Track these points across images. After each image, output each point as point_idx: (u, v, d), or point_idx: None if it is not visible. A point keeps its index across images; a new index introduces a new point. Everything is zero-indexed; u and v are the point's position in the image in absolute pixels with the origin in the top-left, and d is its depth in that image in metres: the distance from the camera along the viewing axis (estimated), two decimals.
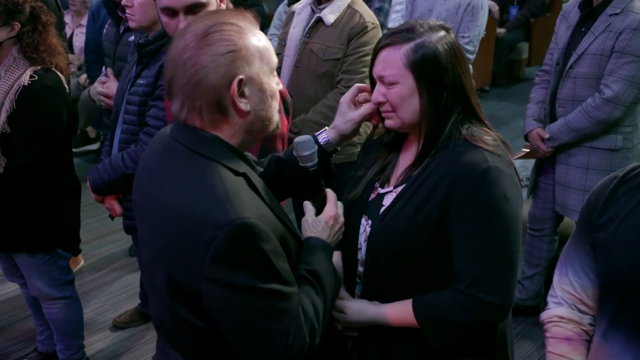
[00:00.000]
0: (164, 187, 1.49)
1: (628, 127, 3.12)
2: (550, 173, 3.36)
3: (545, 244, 3.56)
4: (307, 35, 3.13)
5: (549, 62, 3.39)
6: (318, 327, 1.51)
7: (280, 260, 1.44)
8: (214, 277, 1.38)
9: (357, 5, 3.11)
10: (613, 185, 1.61)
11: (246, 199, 1.43)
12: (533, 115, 3.39)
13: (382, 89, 1.70)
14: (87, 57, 4.40)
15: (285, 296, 1.44)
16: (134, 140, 2.66)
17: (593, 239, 1.63)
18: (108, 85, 3.20)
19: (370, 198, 1.82)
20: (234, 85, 1.44)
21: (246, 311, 1.41)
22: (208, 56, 1.43)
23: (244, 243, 1.37)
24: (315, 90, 3.07)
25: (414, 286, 1.73)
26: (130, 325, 3.72)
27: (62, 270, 3.01)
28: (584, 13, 3.14)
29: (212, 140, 1.48)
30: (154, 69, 2.63)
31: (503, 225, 1.63)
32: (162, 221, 1.47)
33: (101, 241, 4.58)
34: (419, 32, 1.67)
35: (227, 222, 1.36)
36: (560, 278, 1.75)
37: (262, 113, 1.52)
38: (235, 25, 1.47)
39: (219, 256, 1.37)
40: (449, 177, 1.64)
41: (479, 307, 1.65)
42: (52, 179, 2.84)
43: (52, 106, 2.74)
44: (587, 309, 1.70)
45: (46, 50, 2.75)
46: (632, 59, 2.95)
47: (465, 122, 1.70)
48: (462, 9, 4.10)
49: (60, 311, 3.08)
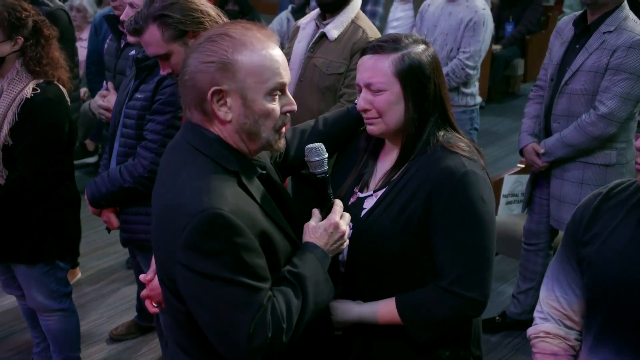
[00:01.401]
0: (163, 180, 1.61)
1: (622, 143, 3.16)
2: (545, 187, 3.39)
3: (540, 259, 3.58)
4: (311, 50, 3.18)
5: (543, 77, 3.42)
6: (286, 325, 1.53)
7: (253, 255, 1.49)
8: (185, 262, 1.47)
9: (360, 20, 3.16)
10: (597, 201, 1.66)
11: (227, 193, 1.50)
12: (528, 130, 3.42)
13: (368, 96, 1.79)
14: (89, 70, 4.44)
15: (252, 289, 1.48)
16: (132, 153, 2.68)
17: (579, 255, 1.67)
18: (109, 99, 3.23)
19: (350, 202, 1.91)
20: (209, 94, 1.53)
21: (211, 298, 1.48)
22: (195, 61, 1.55)
23: (213, 232, 1.45)
24: (318, 104, 3.10)
25: (395, 285, 1.82)
26: (127, 337, 3.72)
27: (60, 282, 3.02)
28: (578, 30, 3.19)
29: (212, 139, 1.58)
30: (152, 83, 2.65)
31: (481, 225, 1.74)
32: (157, 210, 1.59)
33: (98, 253, 4.59)
34: (404, 43, 1.78)
35: (198, 211, 1.45)
36: (546, 294, 1.79)
37: (246, 127, 1.58)
38: (235, 39, 1.54)
39: (190, 242, 1.45)
40: (430, 180, 1.74)
41: (461, 303, 1.75)
42: (53, 190, 2.86)
43: (54, 118, 2.77)
44: (573, 325, 1.74)
45: (49, 64, 2.79)
46: (627, 76, 2.99)
47: (441, 128, 1.81)
48: (464, 24, 4.19)
49: (58, 323, 3.09)
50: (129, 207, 2.72)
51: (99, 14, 4.61)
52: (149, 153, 2.58)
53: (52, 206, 2.87)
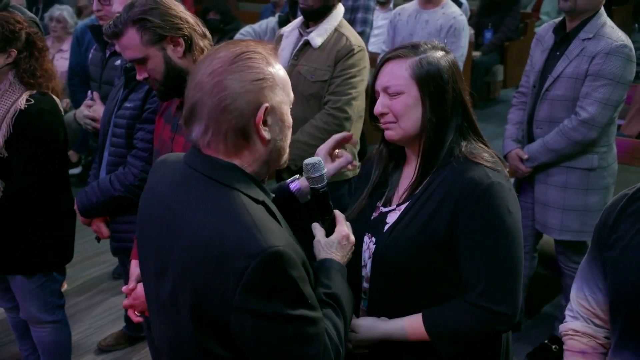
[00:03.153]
0: (185, 216, 1.47)
1: (603, 147, 3.22)
2: (530, 192, 3.44)
3: (525, 261, 3.61)
4: (295, 58, 3.20)
5: (525, 84, 3.48)
6: (342, 349, 1.53)
7: (305, 285, 1.45)
8: (245, 305, 1.38)
9: (343, 28, 3.19)
10: (622, 203, 1.65)
11: (272, 226, 1.43)
12: (511, 136, 3.47)
13: (385, 100, 1.78)
14: (71, 81, 4.43)
15: (313, 321, 1.45)
16: (122, 162, 2.69)
17: (603, 257, 1.67)
18: (95, 109, 3.24)
19: (373, 217, 1.89)
20: (261, 113, 1.46)
21: (277, 339, 1.42)
22: (237, 82, 1.45)
23: (275, 271, 1.38)
24: (303, 112, 3.12)
25: (420, 300, 1.79)
26: (116, 348, 3.72)
27: (55, 294, 3.02)
28: (558, 37, 3.25)
29: (230, 168, 1.48)
30: (141, 92, 2.66)
31: (508, 237, 1.71)
32: (186, 251, 1.44)
33: (86, 264, 4.58)
34: (423, 48, 1.79)
35: (259, 251, 1.36)
36: (576, 292, 1.80)
37: (279, 143, 1.54)
38: (262, 54, 1.50)
39: (251, 284, 1.36)
40: (455, 193, 1.71)
41: (489, 317, 1.72)
42: (51, 200, 2.86)
43: (49, 129, 2.78)
44: (602, 323, 1.75)
45: (43, 76, 2.79)
46: (606, 82, 3.05)
47: (465, 137, 1.80)
48: (444, 31, 4.21)
49: (50, 335, 3.08)
50: (119, 216, 2.73)
51: (80, 25, 4.60)
52: (139, 162, 2.59)
53: (50, 216, 2.87)
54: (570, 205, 3.25)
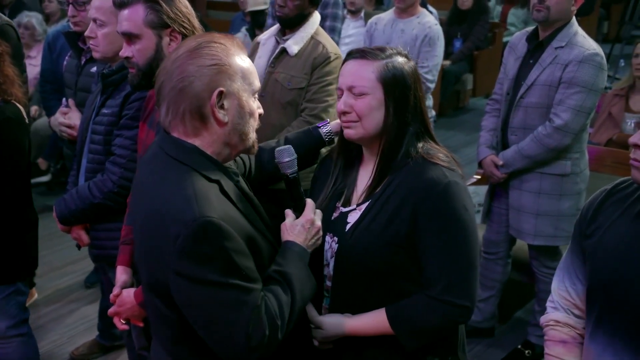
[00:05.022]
0: (145, 191, 1.65)
1: (576, 153, 3.29)
2: (504, 198, 3.49)
3: (499, 267, 3.69)
4: (272, 65, 3.21)
5: (499, 91, 3.54)
6: (280, 322, 1.60)
7: (243, 258, 1.56)
8: (180, 270, 1.52)
9: (320, 36, 3.20)
10: (602, 197, 1.74)
11: (214, 201, 1.56)
12: (486, 142, 3.53)
13: (349, 99, 1.83)
14: (43, 88, 4.35)
15: (246, 290, 1.54)
16: (101, 169, 2.66)
17: (582, 247, 1.76)
18: (70, 116, 3.19)
19: (333, 217, 1.93)
20: (214, 96, 1.60)
21: (207, 303, 1.53)
22: (195, 66, 1.60)
23: (206, 239, 1.50)
24: (280, 119, 3.13)
25: (382, 296, 1.86)
26: (89, 357, 3.67)
27: (20, 307, 2.91)
28: (531, 45, 3.32)
29: (191, 149, 1.63)
30: (119, 98, 2.64)
31: (466, 233, 1.80)
32: (142, 221, 1.63)
33: (56, 273, 4.51)
34: (389, 52, 1.84)
35: (191, 219, 1.50)
36: (558, 284, 1.88)
37: (239, 127, 1.66)
38: (223, 45, 1.65)
39: (184, 251, 1.50)
40: (414, 193, 1.79)
41: (451, 311, 1.80)
42: (18, 211, 2.78)
43: (15, 139, 2.68)
44: (581, 314, 1.82)
45: (5, 82, 2.68)
46: (579, 90, 3.12)
47: (420, 139, 1.86)
48: (420, 40, 4.26)
49: (17, 349, 2.95)
50: (99, 224, 2.70)
51: (52, 31, 4.52)
52: (117, 168, 2.57)
53: (16, 227, 2.79)
54: (544, 210, 3.31)
